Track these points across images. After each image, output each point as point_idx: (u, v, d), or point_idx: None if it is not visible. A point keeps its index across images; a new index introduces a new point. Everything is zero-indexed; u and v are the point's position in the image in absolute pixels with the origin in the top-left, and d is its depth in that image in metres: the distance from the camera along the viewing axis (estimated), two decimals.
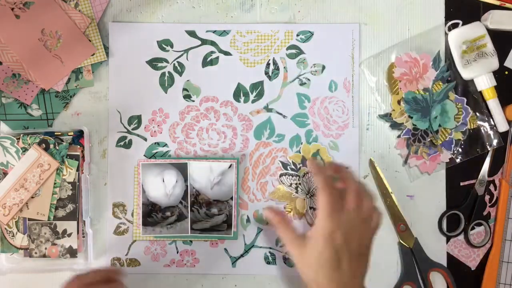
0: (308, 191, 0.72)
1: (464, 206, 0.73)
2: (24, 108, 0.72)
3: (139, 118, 0.73)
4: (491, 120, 0.73)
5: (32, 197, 0.69)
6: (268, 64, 0.73)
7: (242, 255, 0.72)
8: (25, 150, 0.69)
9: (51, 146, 0.69)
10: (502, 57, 0.73)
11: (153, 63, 0.73)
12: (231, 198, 0.71)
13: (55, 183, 0.69)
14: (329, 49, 0.73)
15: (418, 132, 0.72)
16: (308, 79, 0.73)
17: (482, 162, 0.73)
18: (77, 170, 0.70)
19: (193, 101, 0.73)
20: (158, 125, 0.73)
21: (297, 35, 0.73)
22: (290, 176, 0.72)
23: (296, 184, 0.72)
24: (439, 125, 0.71)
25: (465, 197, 0.73)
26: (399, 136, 0.73)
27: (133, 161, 0.72)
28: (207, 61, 0.73)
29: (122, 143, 0.73)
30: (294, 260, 0.60)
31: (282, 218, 0.61)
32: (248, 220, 0.72)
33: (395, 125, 0.72)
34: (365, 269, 0.60)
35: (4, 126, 0.72)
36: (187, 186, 0.71)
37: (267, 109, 0.73)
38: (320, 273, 0.57)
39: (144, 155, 0.73)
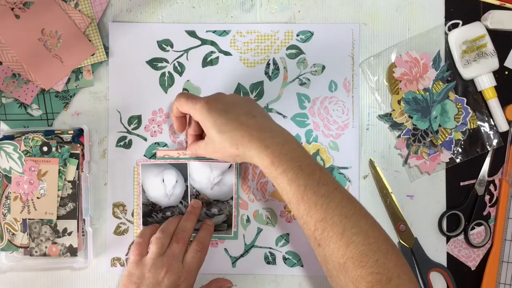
0: None
1: (464, 206, 0.73)
2: (24, 108, 0.72)
3: (139, 118, 0.73)
4: (491, 120, 0.73)
5: (38, 198, 0.69)
6: (268, 64, 0.73)
7: (242, 255, 0.72)
8: (27, 153, 0.69)
9: (53, 149, 0.69)
10: (502, 57, 0.73)
11: (153, 63, 0.73)
12: (231, 198, 0.72)
13: (58, 185, 0.69)
14: (329, 49, 0.73)
15: (418, 132, 0.72)
16: (308, 79, 0.73)
17: (482, 162, 0.73)
18: (77, 168, 0.70)
19: None
20: (158, 125, 0.73)
21: (297, 35, 0.73)
22: None
23: None
24: (439, 125, 0.71)
25: (465, 197, 0.73)
26: (399, 136, 0.73)
27: (133, 161, 0.72)
28: (207, 61, 0.73)
29: (122, 143, 0.73)
30: (209, 154, 0.65)
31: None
32: (248, 220, 0.72)
33: (395, 125, 0.72)
34: (258, 108, 0.64)
35: (4, 126, 0.72)
36: (187, 186, 0.71)
37: (267, 109, 0.73)
38: (227, 136, 0.60)
39: (144, 155, 0.73)
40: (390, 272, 0.52)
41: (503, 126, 0.72)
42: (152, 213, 0.72)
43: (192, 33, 0.73)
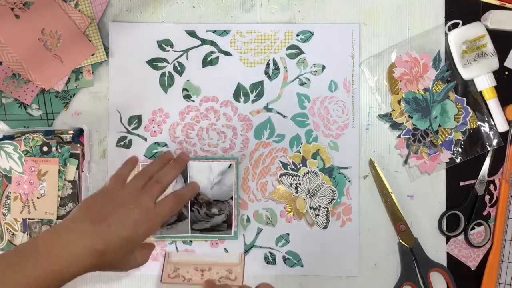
0: (308, 191, 0.72)
1: (464, 206, 0.73)
2: (24, 108, 0.72)
3: (139, 118, 0.73)
4: (491, 120, 0.73)
5: (38, 198, 0.69)
6: (268, 64, 0.73)
7: None
8: (27, 153, 0.69)
9: (53, 149, 0.69)
10: (502, 57, 0.73)
11: (153, 63, 0.73)
12: (231, 198, 0.71)
13: (58, 185, 0.69)
14: (329, 49, 0.73)
15: (418, 132, 0.72)
16: (308, 79, 0.73)
17: (482, 162, 0.73)
18: (77, 168, 0.70)
19: (193, 101, 0.73)
20: (158, 125, 0.73)
21: (297, 35, 0.73)
22: (290, 176, 0.72)
23: (296, 184, 0.72)
24: (439, 125, 0.71)
25: (465, 197, 0.73)
26: (399, 136, 0.73)
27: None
28: (207, 61, 0.73)
29: (122, 143, 0.73)
30: None
31: None
32: (248, 220, 0.72)
33: (395, 125, 0.72)
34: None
35: (4, 126, 0.72)
36: None
37: (267, 109, 0.73)
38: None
39: (144, 155, 0.73)
40: None
41: (503, 126, 0.72)
42: None
43: (192, 33, 0.73)
